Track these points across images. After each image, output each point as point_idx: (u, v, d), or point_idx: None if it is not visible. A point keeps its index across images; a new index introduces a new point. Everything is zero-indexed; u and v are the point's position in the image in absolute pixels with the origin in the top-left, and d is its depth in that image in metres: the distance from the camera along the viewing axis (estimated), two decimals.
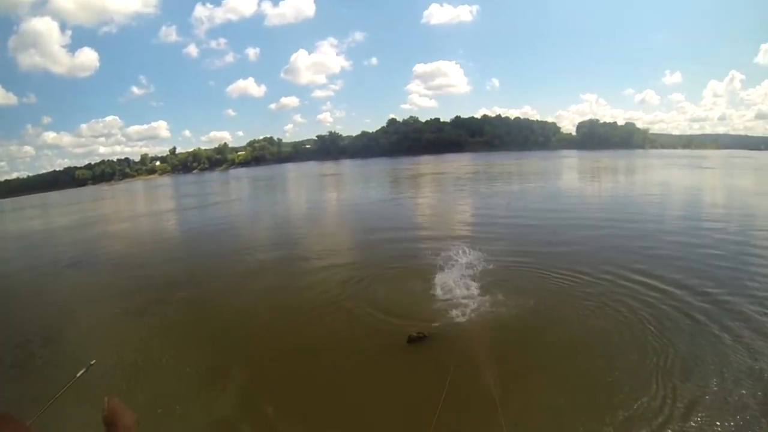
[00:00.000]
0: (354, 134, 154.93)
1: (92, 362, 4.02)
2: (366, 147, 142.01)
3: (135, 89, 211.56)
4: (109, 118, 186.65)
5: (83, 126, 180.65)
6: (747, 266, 11.65)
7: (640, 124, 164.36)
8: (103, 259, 17.32)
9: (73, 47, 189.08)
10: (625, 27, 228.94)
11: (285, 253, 15.90)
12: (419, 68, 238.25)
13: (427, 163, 79.73)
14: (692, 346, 7.43)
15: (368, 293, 10.94)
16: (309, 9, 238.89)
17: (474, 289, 10.42)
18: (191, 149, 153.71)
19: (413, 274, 11.86)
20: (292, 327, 9.48)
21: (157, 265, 15.73)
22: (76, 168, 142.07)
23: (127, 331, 9.87)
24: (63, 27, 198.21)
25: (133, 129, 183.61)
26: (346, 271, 12.89)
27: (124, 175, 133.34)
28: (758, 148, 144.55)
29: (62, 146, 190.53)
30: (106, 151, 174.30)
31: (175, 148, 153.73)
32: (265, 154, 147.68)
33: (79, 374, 3.83)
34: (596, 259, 12.60)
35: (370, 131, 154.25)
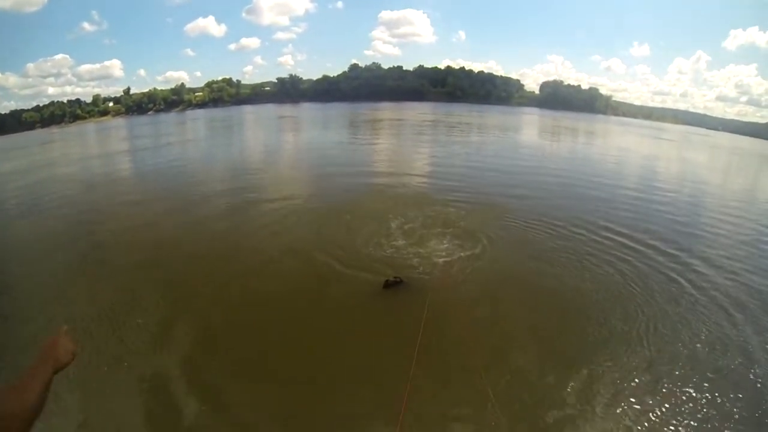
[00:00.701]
0: (315, 78, 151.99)
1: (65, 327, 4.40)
2: (326, 91, 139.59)
3: (86, 25, 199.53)
4: (58, 57, 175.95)
5: (30, 65, 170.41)
6: (705, 229, 13.18)
7: (603, 91, 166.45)
8: (51, 205, 16.72)
9: None
10: None
11: (239, 195, 15.94)
12: (385, 15, 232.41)
13: (387, 110, 79.62)
14: (673, 305, 7.84)
15: (328, 238, 10.71)
16: None
17: (443, 236, 10.59)
18: (147, 90, 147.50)
19: (375, 218, 11.98)
20: (248, 274, 9.15)
21: (106, 209, 15.48)
22: (23, 111, 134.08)
23: (70, 282, 9.35)
24: None
25: (85, 68, 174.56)
26: (305, 214, 12.95)
27: (75, 117, 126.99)
28: (716, 129, 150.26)
29: (8, 87, 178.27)
30: (56, 92, 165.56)
31: (129, 89, 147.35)
32: (223, 96, 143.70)
33: None
34: (566, 211, 13.34)
35: (332, 76, 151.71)
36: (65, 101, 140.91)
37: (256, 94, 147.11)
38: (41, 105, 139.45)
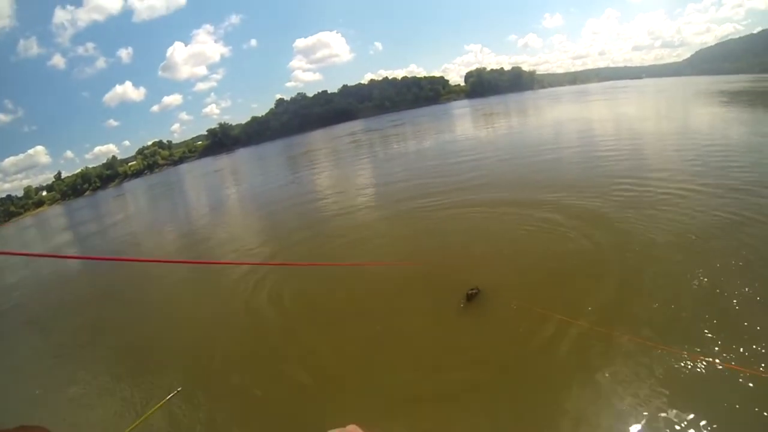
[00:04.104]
0: (244, 122, 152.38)
1: (179, 389, 6.61)
2: (258, 132, 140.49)
3: (1, 116, 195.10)
4: None
5: None
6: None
7: (526, 67, 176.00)
8: (9, 318, 15.78)
9: None
10: None
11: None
12: (300, 43, 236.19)
13: (320, 137, 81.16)
14: None
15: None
16: None
17: (467, 233, 11.42)
18: (78, 171, 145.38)
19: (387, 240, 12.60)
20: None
21: (66, 314, 14.23)
22: None
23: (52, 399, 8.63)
24: None
25: (9, 161, 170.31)
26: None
27: (10, 215, 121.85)
28: (639, 77, 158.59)
29: None
30: None
31: (60, 173, 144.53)
32: (157, 160, 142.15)
33: (168, 397, 6.11)
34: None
35: (260, 116, 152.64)
36: None
37: (190, 151, 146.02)
38: None
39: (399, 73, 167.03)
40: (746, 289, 6.79)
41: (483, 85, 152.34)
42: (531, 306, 7.23)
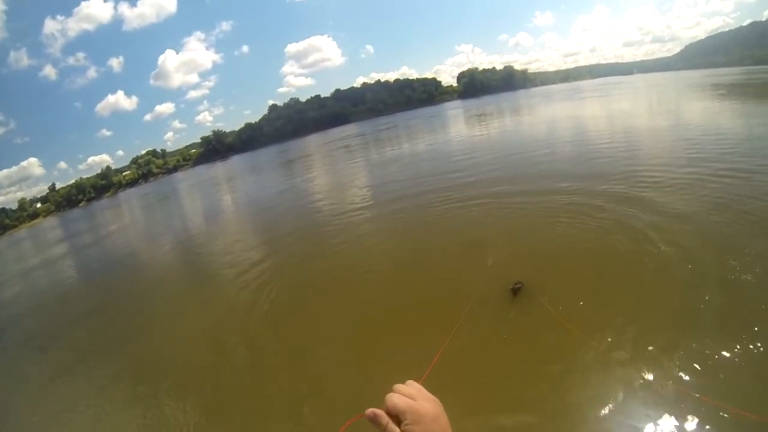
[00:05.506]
0: (237, 128, 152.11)
1: None
2: (252, 138, 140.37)
3: None
4: None
5: None
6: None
7: (517, 66, 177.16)
8: (6, 336, 15.38)
9: None
10: None
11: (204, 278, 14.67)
12: (291, 48, 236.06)
13: (314, 142, 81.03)
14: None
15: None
16: (170, 4, 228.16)
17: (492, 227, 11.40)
18: (72, 181, 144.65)
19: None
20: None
21: (64, 331, 13.52)
22: None
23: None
24: None
25: (2, 174, 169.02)
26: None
27: (4, 228, 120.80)
28: (630, 73, 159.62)
29: None
30: None
31: (54, 185, 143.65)
32: (151, 169, 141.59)
33: None
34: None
35: (254, 122, 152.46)
36: None
37: (184, 159, 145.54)
38: None
39: (391, 76, 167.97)
40: None
41: (475, 86, 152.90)
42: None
